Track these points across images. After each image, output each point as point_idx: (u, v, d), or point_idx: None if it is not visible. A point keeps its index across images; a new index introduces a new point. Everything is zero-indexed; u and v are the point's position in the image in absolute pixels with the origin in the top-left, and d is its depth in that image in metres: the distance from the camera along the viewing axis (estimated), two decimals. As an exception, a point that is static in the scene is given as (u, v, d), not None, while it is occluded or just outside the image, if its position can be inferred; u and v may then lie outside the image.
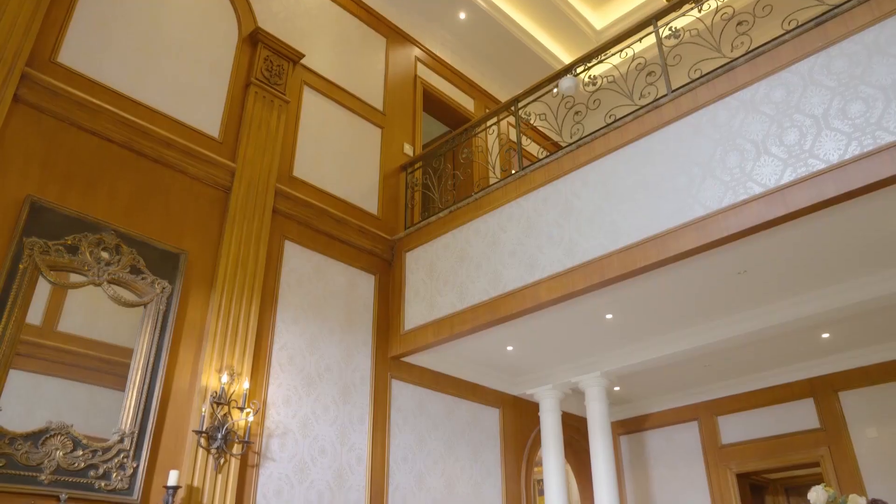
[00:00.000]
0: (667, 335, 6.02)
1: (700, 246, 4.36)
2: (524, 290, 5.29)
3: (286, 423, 5.21)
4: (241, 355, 4.97)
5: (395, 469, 5.90)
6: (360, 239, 6.33)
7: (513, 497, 6.84)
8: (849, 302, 5.11)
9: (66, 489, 3.85)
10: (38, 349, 4.09)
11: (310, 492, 5.17)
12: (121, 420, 4.24)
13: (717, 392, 7.38)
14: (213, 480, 4.50)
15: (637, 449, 7.96)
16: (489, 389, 7.07)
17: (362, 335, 6.08)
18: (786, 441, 6.85)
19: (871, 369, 6.45)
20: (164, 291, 4.69)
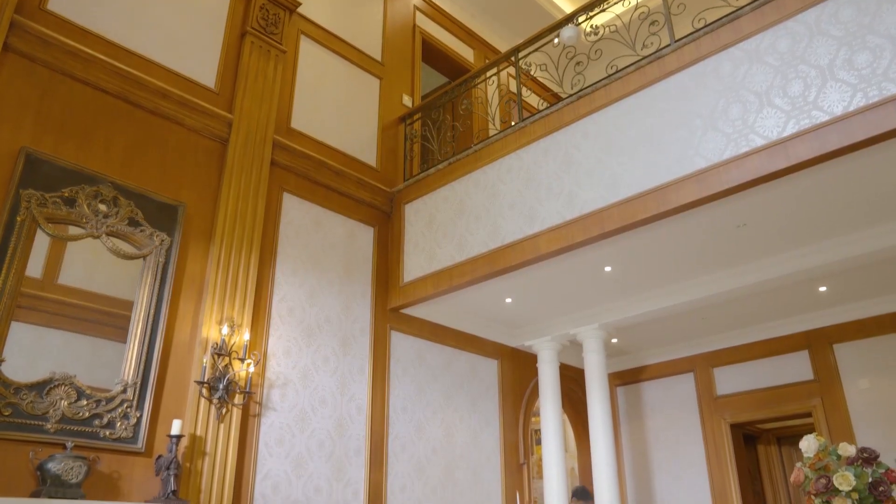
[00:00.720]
0: (665, 288, 6.05)
1: (700, 198, 4.34)
2: (523, 242, 5.29)
3: (287, 374, 5.28)
4: (241, 307, 5.00)
5: (395, 418, 6.00)
6: (358, 191, 6.30)
7: (510, 446, 6.98)
8: (847, 255, 5.11)
9: (72, 437, 3.92)
10: (39, 302, 4.11)
11: (311, 440, 5.27)
12: (123, 371, 4.29)
13: (714, 344, 7.46)
14: (215, 430, 4.58)
15: (633, 400, 8.09)
16: (488, 341, 7.14)
17: (361, 287, 6.11)
18: (780, 392, 6.95)
19: (867, 322, 6.51)
20: (163, 244, 4.68)
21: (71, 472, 3.71)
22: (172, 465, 4.12)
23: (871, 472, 3.54)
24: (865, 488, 3.47)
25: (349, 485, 5.42)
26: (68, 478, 3.69)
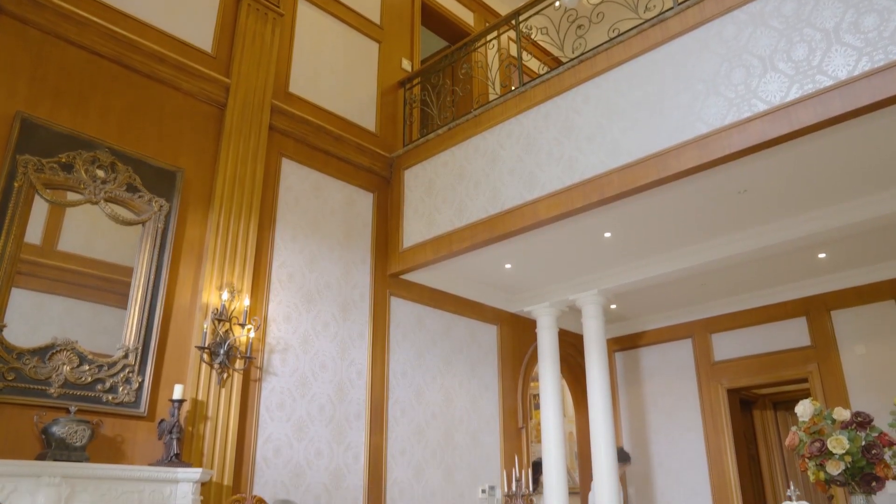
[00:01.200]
0: (665, 254, 6.05)
1: (701, 164, 4.32)
2: (523, 208, 5.28)
3: (287, 339, 5.31)
4: (241, 273, 5.00)
5: (395, 383, 6.06)
6: (357, 156, 6.26)
7: (509, 411, 7.05)
8: (848, 222, 5.10)
9: (75, 402, 3.96)
10: (39, 268, 4.12)
11: (311, 405, 5.32)
12: (124, 336, 4.31)
13: (712, 310, 7.50)
14: (216, 394, 4.63)
15: (631, 365, 8.15)
16: (487, 307, 7.17)
17: (361, 253, 6.11)
18: (777, 358, 7.00)
19: (865, 289, 6.52)
20: (162, 210, 4.67)
21: (75, 435, 3.76)
22: (175, 428, 4.16)
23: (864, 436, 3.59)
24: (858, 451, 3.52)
25: (350, 448, 5.49)
26: (72, 441, 3.74)
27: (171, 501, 4.00)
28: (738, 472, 7.02)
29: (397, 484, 5.79)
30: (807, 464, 3.72)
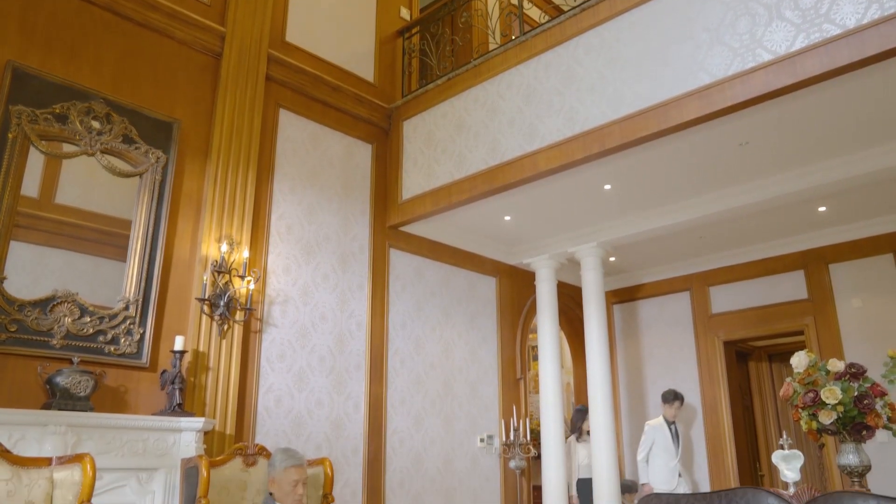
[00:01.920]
0: (664, 206, 6.03)
1: (703, 115, 4.27)
2: (523, 160, 5.24)
3: (287, 291, 5.33)
4: (240, 225, 5.00)
5: (394, 334, 6.11)
6: (356, 107, 6.18)
7: (508, 362, 7.14)
8: (849, 175, 5.07)
9: (78, 353, 4.00)
10: (37, 221, 4.11)
11: (311, 356, 5.38)
12: (124, 288, 4.33)
13: (711, 263, 7.51)
14: (217, 345, 4.67)
15: (629, 318, 8.21)
16: (486, 258, 7.19)
17: (360, 205, 6.09)
18: (773, 310, 7.05)
19: (863, 242, 6.52)
20: (159, 161, 4.63)
21: (79, 385, 3.81)
22: (177, 379, 4.22)
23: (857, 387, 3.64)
24: (851, 401, 3.58)
25: (350, 398, 5.58)
26: (76, 391, 3.79)
27: (175, 450, 4.08)
28: (732, 423, 7.14)
29: (397, 433, 5.89)
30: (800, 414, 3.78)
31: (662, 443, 6.73)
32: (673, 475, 6.63)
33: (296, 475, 3.36)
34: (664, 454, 6.69)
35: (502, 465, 6.71)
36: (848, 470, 3.66)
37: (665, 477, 6.63)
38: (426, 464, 6.06)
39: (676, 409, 6.84)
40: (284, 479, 3.35)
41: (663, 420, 6.84)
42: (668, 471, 6.65)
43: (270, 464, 3.42)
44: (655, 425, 6.86)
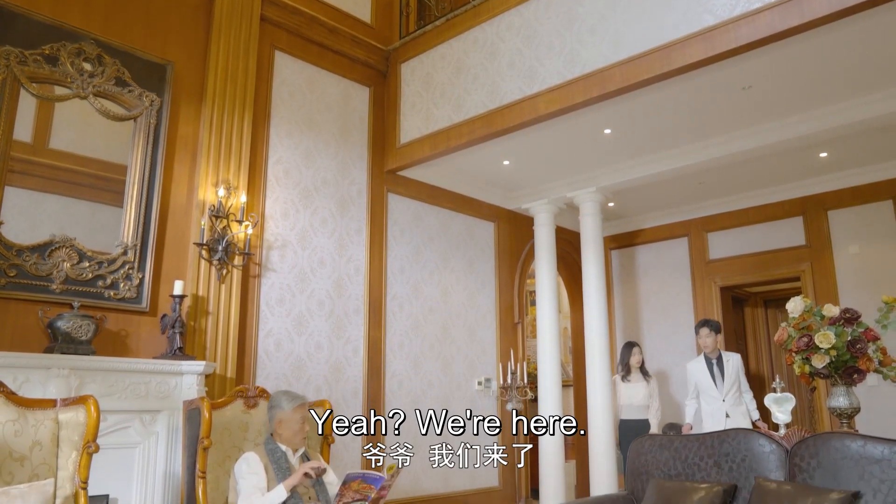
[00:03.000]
0: (665, 151, 5.98)
1: (707, 58, 4.19)
2: (522, 103, 5.18)
3: (285, 236, 5.33)
4: (237, 169, 4.96)
5: (393, 279, 6.14)
6: (353, 49, 6.05)
7: (506, 306, 7.19)
8: (851, 120, 5.01)
9: (78, 298, 4.02)
10: (32, 167, 4.07)
11: (311, 300, 5.42)
12: (122, 234, 4.32)
13: (710, 209, 7.50)
14: (217, 290, 4.69)
15: (627, 263, 8.24)
16: (485, 203, 7.16)
17: (358, 149, 6.04)
18: (771, 256, 7.07)
19: (863, 189, 6.50)
20: (154, 104, 4.56)
21: (80, 329, 3.84)
22: (177, 323, 4.25)
23: (850, 332, 3.68)
24: (844, 346, 3.62)
25: (349, 342, 5.64)
26: (78, 335, 3.83)
27: (177, 392, 4.14)
28: (726, 366, 7.24)
29: (396, 376, 5.98)
30: (793, 358, 3.83)
31: (701, 382, 5.78)
32: (715, 419, 5.58)
33: (303, 413, 3.47)
34: (706, 395, 5.74)
35: (499, 407, 6.84)
36: (838, 412, 3.73)
37: (706, 423, 5.65)
38: (425, 406, 6.16)
39: (705, 338, 5.82)
40: (293, 418, 3.43)
41: (703, 356, 5.89)
42: (707, 415, 5.69)
43: (276, 405, 3.47)
44: (691, 363, 6.00)
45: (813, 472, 3.05)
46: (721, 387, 5.68)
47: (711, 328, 5.83)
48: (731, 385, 5.66)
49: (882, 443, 2.92)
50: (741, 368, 5.78)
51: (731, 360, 5.74)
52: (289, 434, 3.43)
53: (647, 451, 3.73)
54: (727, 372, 5.70)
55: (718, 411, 5.62)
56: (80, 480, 2.73)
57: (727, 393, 5.64)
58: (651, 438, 3.82)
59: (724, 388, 5.66)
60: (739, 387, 5.71)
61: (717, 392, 5.67)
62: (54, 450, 2.76)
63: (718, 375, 5.72)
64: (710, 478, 3.38)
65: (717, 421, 5.53)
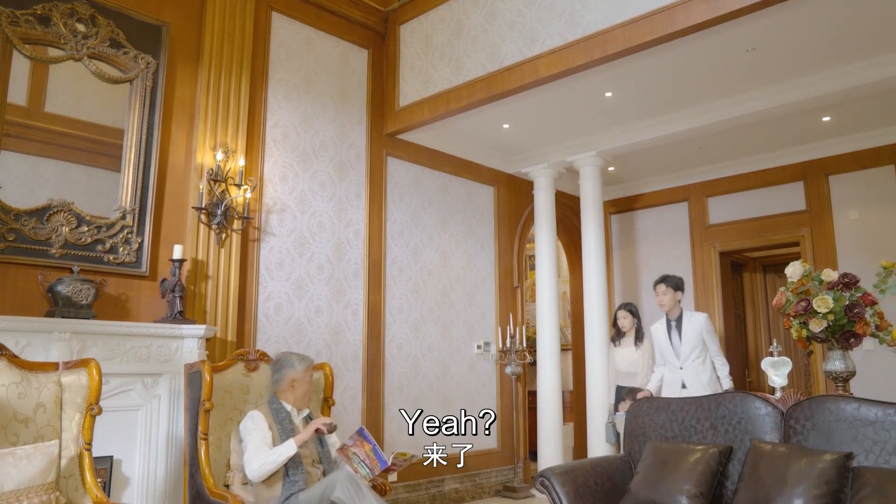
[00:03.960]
0: (666, 115, 5.93)
1: (710, 19, 4.14)
2: (522, 65, 5.12)
3: (284, 200, 5.31)
4: (235, 132, 4.92)
5: (392, 243, 6.14)
6: (351, 10, 5.96)
7: (505, 271, 7.21)
8: (856, 83, 4.96)
9: (77, 262, 4.02)
10: (28, 130, 4.03)
11: (310, 264, 5.42)
12: (120, 198, 4.31)
13: (710, 174, 7.46)
14: (216, 254, 4.70)
15: (627, 228, 8.23)
16: (484, 167, 7.13)
17: (356, 112, 5.98)
18: (771, 221, 7.06)
19: (865, 153, 6.46)
20: (150, 67, 4.50)
21: (80, 293, 3.85)
22: (177, 287, 4.26)
23: (848, 296, 3.69)
24: (841, 310, 3.64)
25: (349, 306, 5.66)
26: (78, 299, 3.84)
27: (178, 356, 4.17)
28: (724, 331, 7.29)
29: (395, 340, 6.02)
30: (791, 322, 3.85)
31: (661, 347, 5.23)
32: (671, 389, 5.05)
33: (312, 373, 3.60)
34: (665, 361, 5.21)
35: (498, 371, 6.90)
36: (833, 375, 3.76)
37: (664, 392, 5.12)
38: (424, 369, 6.22)
39: (661, 295, 5.20)
40: (305, 377, 3.53)
41: (665, 317, 5.29)
42: (666, 383, 5.16)
43: (287, 365, 3.53)
44: (654, 325, 5.43)
45: (807, 434, 3.09)
46: (679, 352, 5.05)
47: (668, 283, 5.20)
48: (690, 350, 5.00)
49: (876, 405, 2.96)
50: (708, 331, 5.06)
51: (691, 322, 5.06)
52: (300, 393, 3.50)
53: (644, 414, 3.77)
54: (686, 335, 5.03)
55: (674, 380, 5.04)
56: (84, 442, 2.76)
57: (686, 359, 5.00)
58: (649, 401, 3.86)
59: (682, 354, 5.03)
60: (704, 352, 5.01)
61: (674, 358, 5.07)
62: (58, 412, 2.79)
63: (676, 339, 5.10)
64: (706, 440, 3.43)
65: (672, 391, 4.97)
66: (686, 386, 4.94)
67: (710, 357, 5.02)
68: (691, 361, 5.00)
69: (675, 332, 5.13)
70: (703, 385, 4.87)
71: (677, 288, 5.19)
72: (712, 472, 3.18)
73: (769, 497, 2.86)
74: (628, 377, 5.71)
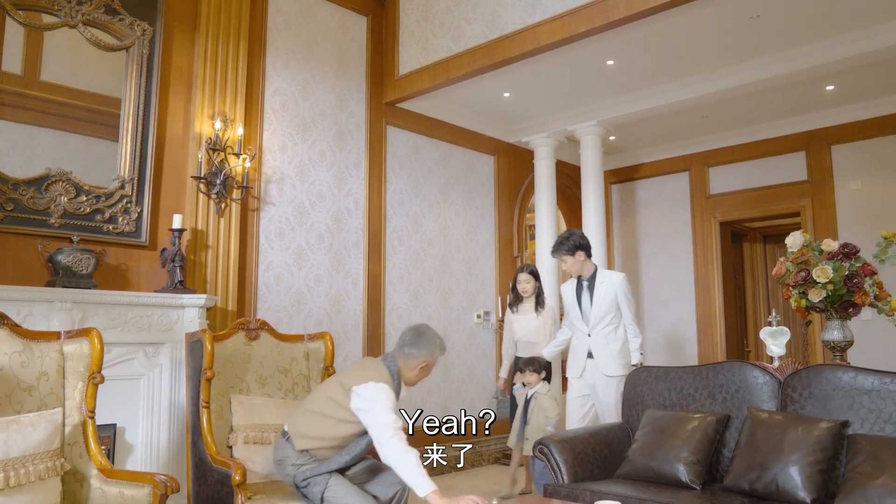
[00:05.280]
0: (669, 83, 5.88)
1: (715, -15, 4.07)
2: (524, 33, 5.06)
3: (283, 169, 5.29)
4: (233, 101, 4.88)
5: (392, 212, 6.13)
6: (349, -24, 5.87)
7: (505, 240, 7.20)
8: (861, 51, 4.91)
9: (77, 232, 4.01)
10: (24, 99, 3.99)
11: (310, 234, 5.42)
12: (118, 167, 4.28)
13: (712, 143, 7.42)
14: (216, 224, 4.69)
15: (627, 197, 8.21)
16: (484, 136, 7.09)
17: (356, 80, 5.92)
18: (772, 192, 7.04)
19: (869, 123, 6.41)
20: (146, 34, 4.45)
21: (80, 263, 3.85)
22: (177, 257, 4.26)
23: (848, 266, 3.69)
24: (841, 280, 3.64)
25: (349, 275, 5.67)
26: (78, 269, 3.84)
27: (179, 325, 4.19)
28: (723, 301, 7.31)
29: (396, 309, 6.04)
30: (790, 292, 3.86)
31: (568, 309, 4.47)
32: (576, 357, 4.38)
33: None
34: (573, 327, 4.45)
35: (497, 340, 6.93)
36: (831, 345, 3.78)
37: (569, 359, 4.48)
38: (424, 338, 6.24)
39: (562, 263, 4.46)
40: (432, 363, 3.08)
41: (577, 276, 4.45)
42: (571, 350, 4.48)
43: (433, 347, 3.04)
44: (564, 284, 4.62)
45: (804, 402, 3.12)
46: (587, 317, 4.31)
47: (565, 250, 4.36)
48: (601, 315, 4.27)
49: (873, 374, 2.98)
50: (624, 293, 4.31)
51: (606, 283, 4.31)
52: (421, 378, 3.08)
53: (643, 382, 3.80)
54: (598, 297, 4.29)
55: (580, 348, 4.36)
56: (88, 410, 2.79)
57: (595, 325, 4.29)
58: (647, 370, 3.89)
59: (592, 320, 4.29)
60: (618, 318, 4.32)
61: (582, 323, 4.34)
62: (61, 380, 2.80)
63: (587, 301, 4.33)
64: (703, 408, 3.46)
65: (577, 361, 4.36)
66: (594, 355, 4.27)
67: (623, 325, 4.33)
68: (602, 328, 4.28)
69: (587, 293, 4.34)
70: (613, 355, 4.24)
71: (576, 249, 4.30)
72: (709, 439, 3.22)
73: (765, 464, 2.90)
74: (528, 347, 5.05)
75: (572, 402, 4.43)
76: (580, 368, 4.34)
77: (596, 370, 4.27)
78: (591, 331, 4.30)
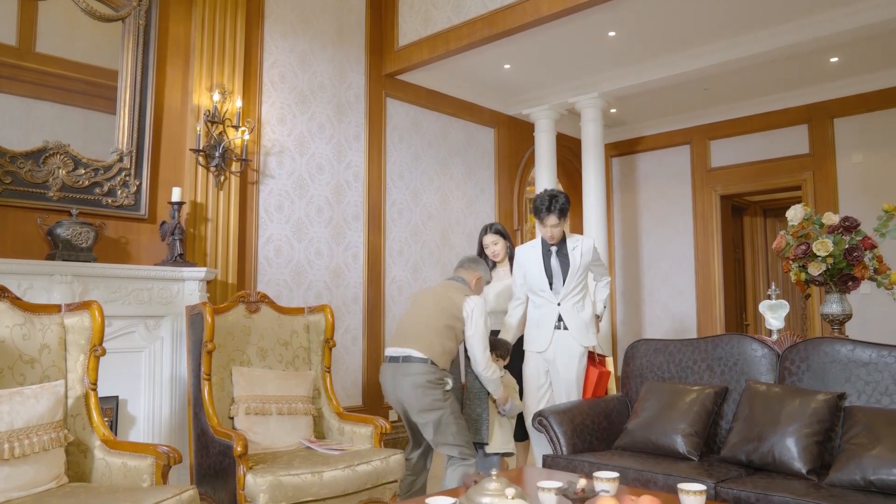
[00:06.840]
0: (670, 56, 5.82)
1: (718, -44, 4.01)
2: (524, 4, 5.01)
3: (282, 142, 5.26)
4: (231, 73, 4.83)
5: (392, 185, 6.11)
6: (348, -56, 5.78)
7: (505, 213, 7.19)
8: (867, 22, 4.85)
9: (76, 205, 4.00)
10: (19, 71, 3.95)
11: (310, 206, 5.41)
12: (117, 140, 4.26)
13: (713, 116, 7.37)
14: (215, 196, 4.67)
15: (628, 171, 8.18)
16: (485, 109, 7.04)
17: (355, 52, 5.86)
18: (773, 165, 7.01)
19: (871, 96, 6.36)
20: (142, 4, 4.39)
21: (80, 237, 3.84)
22: (176, 230, 4.25)
23: (848, 240, 3.69)
24: (841, 253, 3.65)
25: (349, 248, 5.67)
26: (78, 242, 3.84)
27: (179, 298, 4.20)
28: (722, 275, 7.33)
29: (396, 282, 6.05)
30: (790, 265, 3.86)
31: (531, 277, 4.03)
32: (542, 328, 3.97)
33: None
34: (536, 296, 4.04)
35: (497, 312, 6.95)
36: (830, 318, 3.80)
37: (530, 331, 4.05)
38: (424, 311, 6.26)
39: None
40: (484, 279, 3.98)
41: (540, 240, 4.11)
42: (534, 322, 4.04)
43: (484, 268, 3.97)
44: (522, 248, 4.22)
45: (802, 374, 3.14)
46: (558, 286, 3.96)
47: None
48: (577, 282, 3.95)
49: (870, 347, 3.00)
50: (598, 255, 4.13)
51: (579, 247, 3.99)
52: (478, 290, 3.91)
53: (642, 355, 3.82)
54: (574, 263, 3.95)
55: (549, 316, 3.95)
56: (90, 382, 2.81)
57: (568, 294, 3.94)
58: (646, 343, 3.90)
59: (565, 287, 3.94)
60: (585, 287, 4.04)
61: (549, 293, 3.95)
62: (62, 353, 2.82)
63: (557, 268, 3.98)
64: (702, 380, 3.49)
65: (543, 331, 3.95)
66: (568, 326, 3.92)
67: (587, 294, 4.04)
68: (573, 297, 3.95)
69: (556, 258, 3.99)
70: (585, 324, 3.94)
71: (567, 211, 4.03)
72: (707, 411, 3.25)
73: (762, 435, 2.93)
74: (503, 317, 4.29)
75: (531, 379, 4.00)
76: (546, 341, 3.92)
77: (566, 342, 3.90)
78: (563, 300, 3.93)
